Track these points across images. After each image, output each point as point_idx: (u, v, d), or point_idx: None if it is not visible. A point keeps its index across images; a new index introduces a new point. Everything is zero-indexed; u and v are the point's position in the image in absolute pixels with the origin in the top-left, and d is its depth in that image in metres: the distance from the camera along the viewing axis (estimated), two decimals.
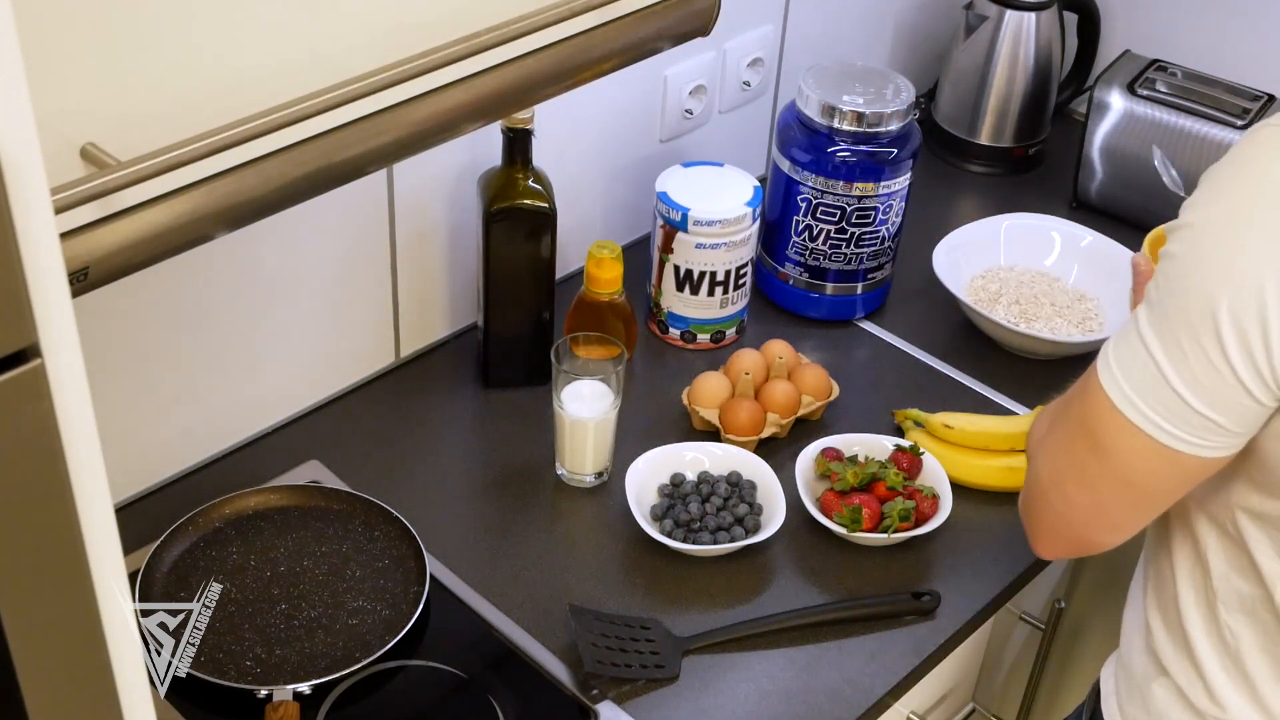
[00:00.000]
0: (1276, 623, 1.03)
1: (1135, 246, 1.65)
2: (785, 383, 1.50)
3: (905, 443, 1.43)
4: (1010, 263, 1.75)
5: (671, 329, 1.62)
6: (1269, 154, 0.90)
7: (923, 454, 1.42)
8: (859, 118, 1.55)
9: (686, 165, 1.60)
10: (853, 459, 1.41)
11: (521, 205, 1.42)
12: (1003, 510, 1.43)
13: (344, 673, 1.19)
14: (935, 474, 1.41)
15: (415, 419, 1.50)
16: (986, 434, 1.46)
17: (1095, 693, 1.22)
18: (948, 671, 1.40)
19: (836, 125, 1.55)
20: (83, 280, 0.83)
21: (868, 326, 1.68)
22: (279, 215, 0.96)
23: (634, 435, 1.46)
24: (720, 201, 1.54)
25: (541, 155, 1.43)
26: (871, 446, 1.44)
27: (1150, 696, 1.13)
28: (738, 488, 1.38)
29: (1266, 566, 1.01)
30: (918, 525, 1.35)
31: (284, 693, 1.17)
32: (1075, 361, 1.57)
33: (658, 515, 1.37)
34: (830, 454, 1.42)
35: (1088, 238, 1.75)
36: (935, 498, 1.37)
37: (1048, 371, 1.62)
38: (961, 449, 1.46)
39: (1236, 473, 1.01)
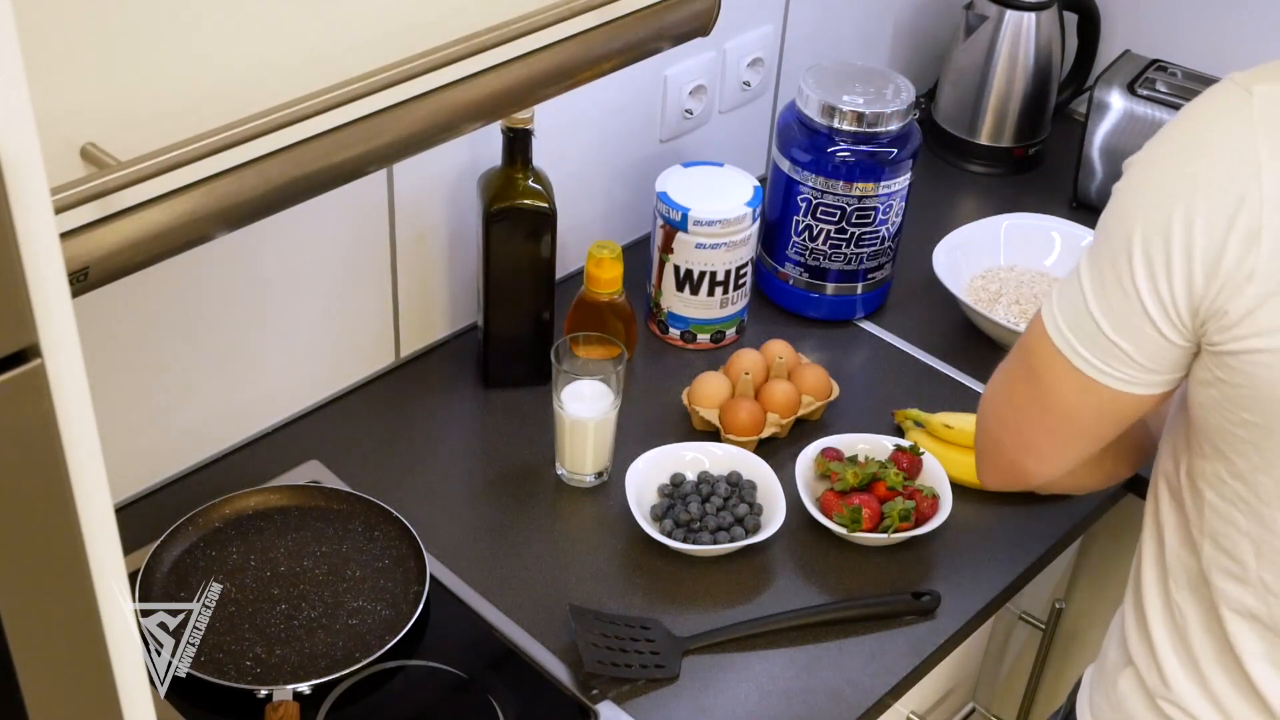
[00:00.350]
0: (1214, 598, 1.04)
1: None
2: (785, 383, 1.50)
3: (905, 443, 1.43)
4: (1010, 263, 1.74)
5: (671, 329, 1.62)
6: (1212, 101, 0.93)
7: (923, 454, 1.42)
8: (859, 118, 1.55)
9: (686, 165, 1.60)
10: (853, 459, 1.41)
11: (521, 205, 1.42)
12: (1003, 510, 1.43)
13: (344, 673, 1.19)
14: (935, 474, 1.41)
15: (415, 419, 1.50)
16: None
17: (1075, 689, 1.23)
18: (948, 671, 1.40)
19: (836, 125, 1.55)
20: (83, 280, 0.83)
21: (868, 326, 1.68)
22: (279, 215, 0.96)
23: (634, 435, 1.46)
24: (720, 201, 1.54)
25: (541, 155, 1.43)
26: (871, 446, 1.44)
27: (1115, 687, 1.14)
28: (738, 488, 1.38)
29: (1198, 538, 1.03)
30: (918, 525, 1.35)
31: (284, 693, 1.17)
32: None
33: (658, 515, 1.37)
34: (830, 454, 1.42)
35: (1088, 237, 1.73)
36: (935, 498, 1.37)
37: None
38: (962, 449, 1.46)
39: (1178, 432, 1.04)
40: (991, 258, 1.74)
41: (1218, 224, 0.89)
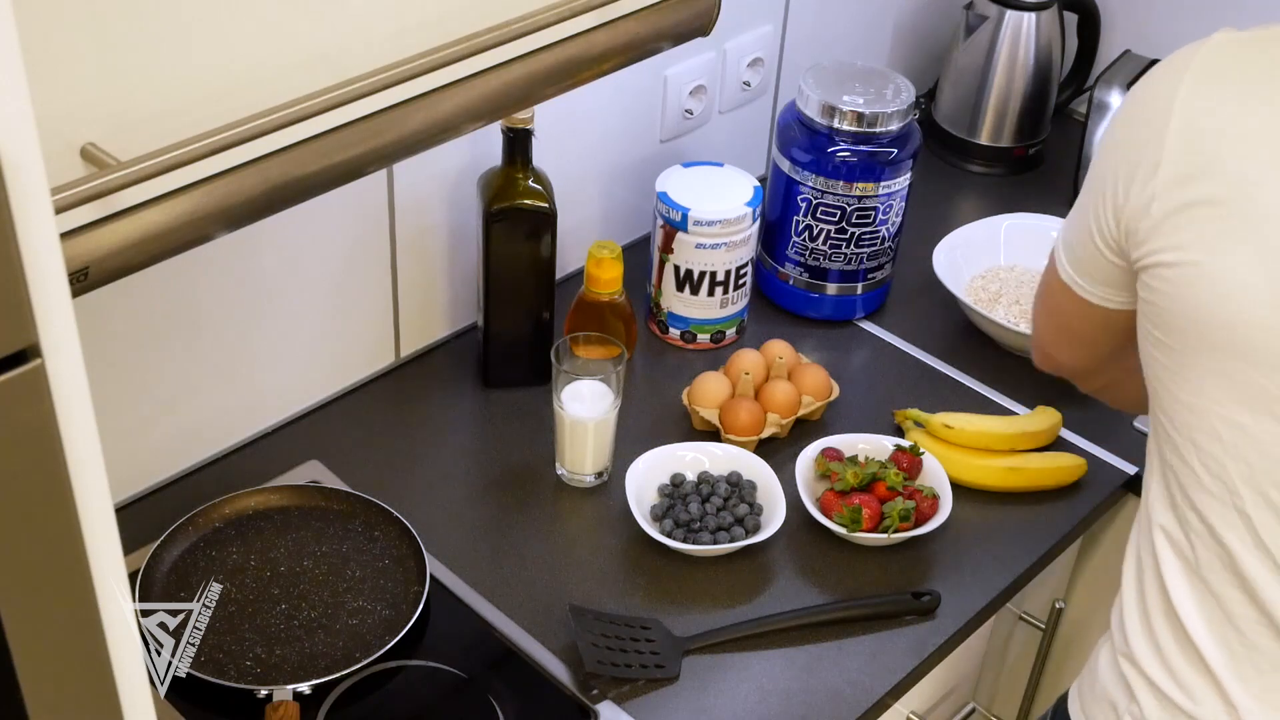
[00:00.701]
0: (1154, 543, 1.09)
1: None
2: (785, 383, 1.50)
3: (905, 443, 1.43)
4: (1010, 262, 1.74)
5: (671, 329, 1.62)
6: (1170, 57, 1.06)
7: (923, 454, 1.42)
8: (859, 118, 1.55)
9: (686, 165, 1.60)
10: (853, 459, 1.41)
11: (521, 205, 1.42)
12: (1003, 510, 1.43)
13: (344, 673, 1.19)
14: (935, 474, 1.41)
15: (415, 419, 1.50)
16: (986, 434, 1.46)
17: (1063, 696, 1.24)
18: (948, 671, 1.40)
19: (836, 125, 1.55)
20: (83, 280, 0.83)
21: (868, 326, 1.68)
22: (279, 215, 0.96)
23: (634, 435, 1.46)
24: (720, 201, 1.54)
25: (541, 155, 1.43)
26: (871, 446, 1.44)
27: (1097, 656, 1.17)
28: (738, 488, 1.38)
29: (1147, 479, 1.11)
30: (918, 525, 1.35)
31: (284, 693, 1.17)
32: None
33: (658, 515, 1.37)
34: (830, 454, 1.42)
35: None
36: (935, 498, 1.37)
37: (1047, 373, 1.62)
38: (961, 449, 1.46)
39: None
40: (991, 258, 1.74)
41: (1132, 157, 1.02)
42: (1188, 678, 1.07)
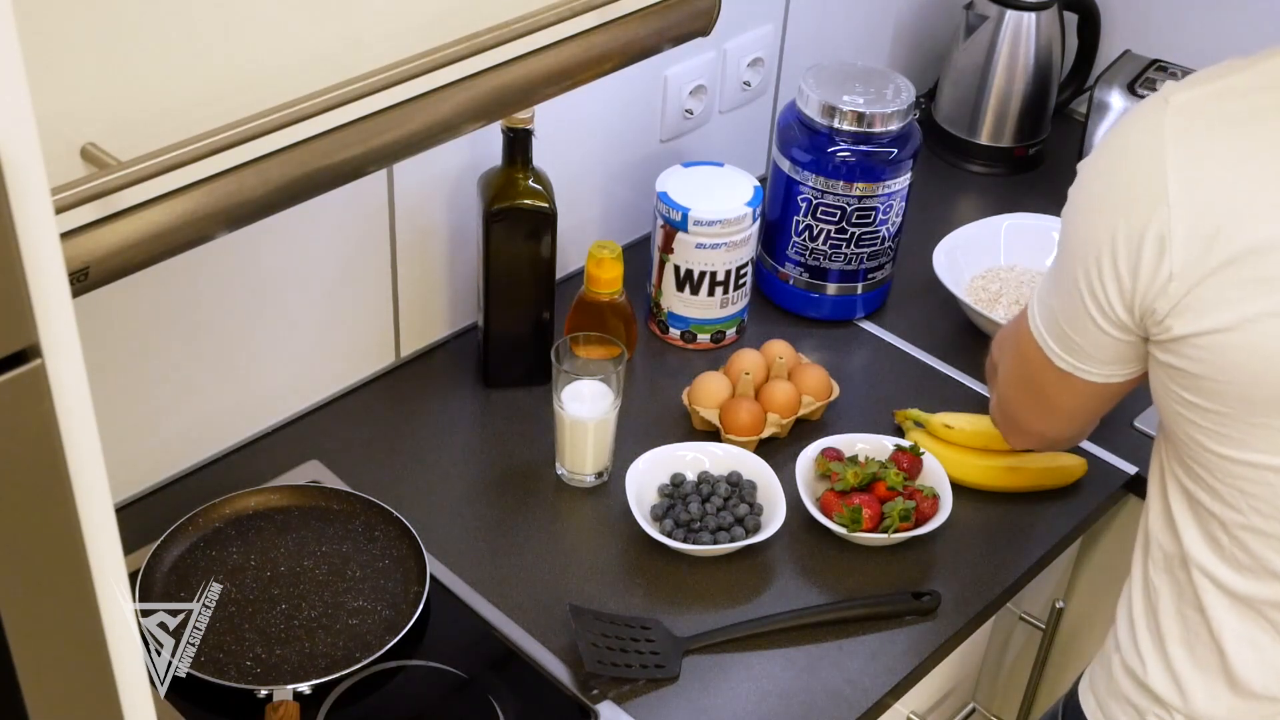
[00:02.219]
0: (1185, 580, 1.09)
1: None
2: (785, 383, 1.50)
3: (905, 443, 1.43)
4: (1010, 262, 1.73)
5: (671, 329, 1.62)
6: (1133, 118, 1.01)
7: (923, 454, 1.42)
8: (859, 118, 1.55)
9: (686, 165, 1.60)
10: (853, 459, 1.41)
11: (521, 205, 1.42)
12: (1003, 510, 1.43)
13: (344, 673, 1.19)
14: (935, 474, 1.41)
15: (415, 419, 1.50)
16: (986, 434, 1.46)
17: (1075, 683, 1.24)
18: (948, 671, 1.40)
19: (836, 125, 1.55)
20: (83, 280, 0.83)
21: (868, 326, 1.68)
22: (279, 215, 0.96)
23: (634, 435, 1.46)
24: (720, 201, 1.54)
25: (541, 155, 1.43)
26: (872, 446, 1.44)
27: (1110, 668, 1.18)
28: (738, 488, 1.38)
29: (1179, 518, 1.09)
30: (918, 525, 1.35)
31: (284, 693, 1.17)
32: None
33: (658, 515, 1.37)
34: (830, 454, 1.42)
35: None
36: (935, 498, 1.37)
37: None
38: (962, 449, 1.46)
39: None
40: (992, 258, 1.74)
41: (1133, 236, 0.98)
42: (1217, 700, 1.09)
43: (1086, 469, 1.47)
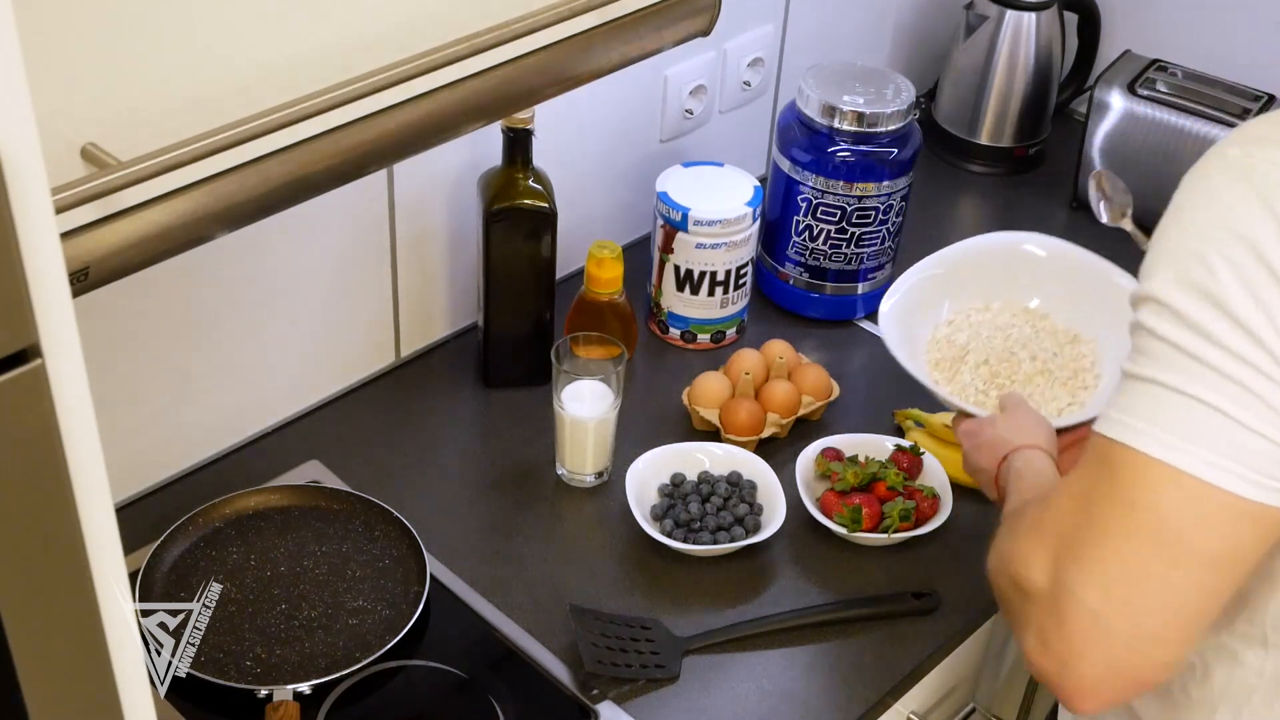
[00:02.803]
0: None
1: (1137, 247, 1.65)
2: (785, 383, 1.50)
3: (905, 443, 1.43)
4: (985, 299, 1.43)
5: (671, 329, 1.62)
6: (1212, 182, 0.86)
7: (923, 454, 1.42)
8: (859, 118, 1.55)
9: (687, 165, 1.60)
10: (853, 459, 1.41)
11: (521, 205, 1.42)
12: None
13: (344, 673, 1.19)
14: (935, 474, 1.41)
15: (415, 419, 1.50)
16: None
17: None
18: (948, 671, 1.40)
19: (837, 125, 1.55)
20: (83, 280, 0.83)
21: (868, 326, 1.68)
22: (279, 215, 0.96)
23: (634, 435, 1.46)
24: (720, 201, 1.54)
25: (541, 155, 1.43)
26: (872, 447, 1.44)
27: None
28: (738, 488, 1.38)
29: None
30: (918, 525, 1.35)
31: (284, 693, 1.17)
32: None
33: (658, 515, 1.37)
34: (830, 454, 1.42)
35: (1080, 259, 1.41)
36: (935, 498, 1.37)
37: None
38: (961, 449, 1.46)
39: None
40: (961, 296, 1.43)
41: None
42: None
43: None
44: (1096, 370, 1.37)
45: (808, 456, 1.42)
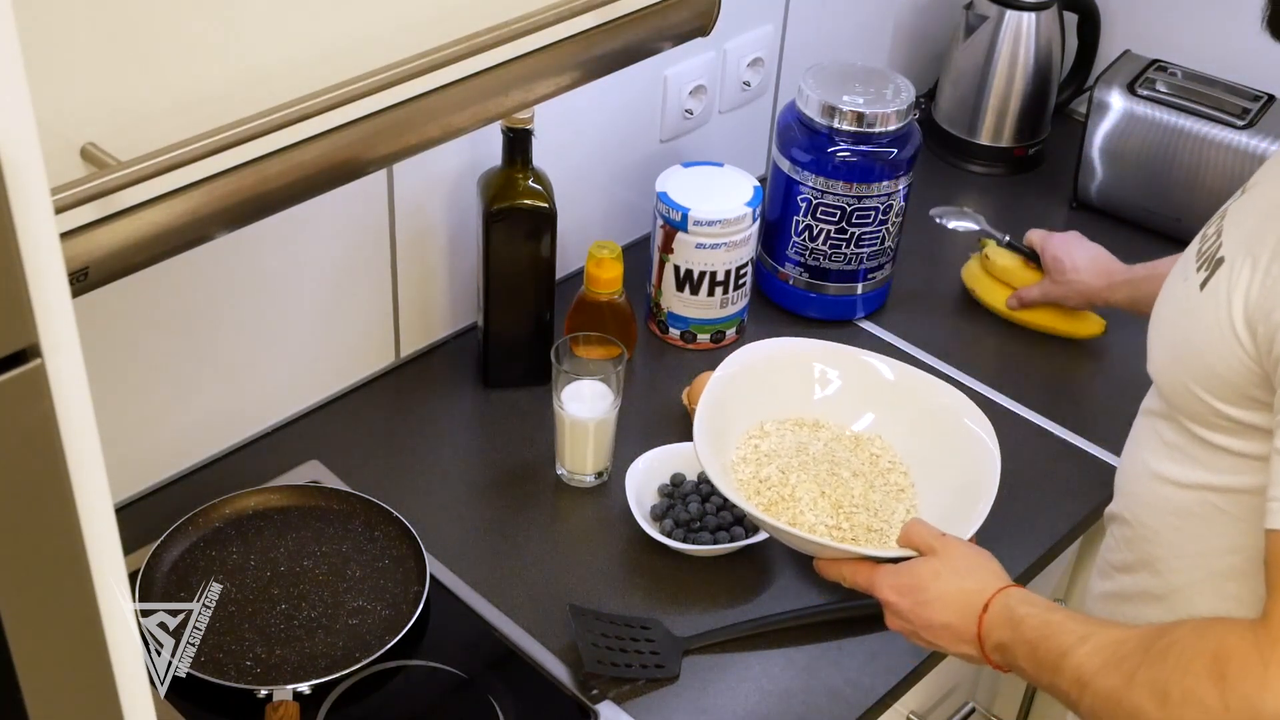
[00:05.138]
0: None
1: (1137, 248, 1.65)
2: None
3: None
4: (758, 420, 1.33)
5: (671, 329, 1.62)
6: None
7: None
8: (859, 118, 1.55)
9: (686, 165, 1.60)
10: None
11: (521, 205, 1.42)
12: (1003, 510, 1.43)
13: (344, 673, 1.19)
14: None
15: (415, 419, 1.50)
16: (1018, 270, 1.67)
17: None
18: (948, 671, 1.40)
19: (836, 125, 1.55)
20: (83, 280, 0.83)
21: (868, 326, 1.68)
22: (279, 215, 0.96)
23: (634, 435, 1.46)
24: (720, 201, 1.54)
25: (541, 155, 1.43)
26: None
27: None
28: None
29: None
30: None
31: (284, 693, 1.17)
32: None
33: (658, 515, 1.37)
34: None
35: (785, 348, 1.36)
36: None
37: (1047, 372, 1.62)
38: (996, 281, 1.67)
39: None
40: (753, 413, 1.34)
41: None
42: None
43: (1104, 329, 1.62)
44: (901, 468, 1.31)
45: None
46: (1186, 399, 1.03)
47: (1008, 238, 1.67)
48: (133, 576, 1.21)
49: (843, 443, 1.33)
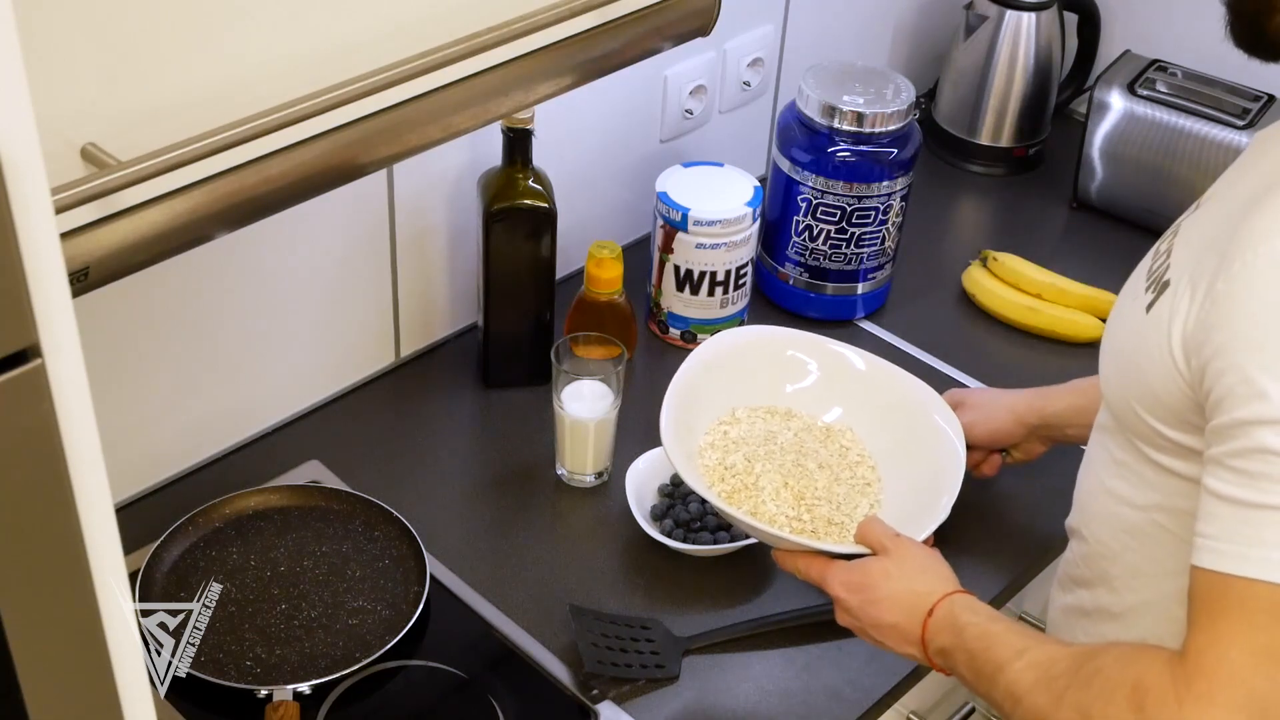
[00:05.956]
0: None
1: (1137, 247, 1.65)
2: None
3: None
4: (730, 408, 1.32)
5: (671, 329, 1.62)
6: None
7: None
8: (859, 118, 1.55)
9: (686, 165, 1.60)
10: None
11: (521, 205, 1.42)
12: (1003, 510, 1.43)
13: (344, 673, 1.19)
14: None
15: (415, 419, 1.50)
16: (1023, 275, 1.69)
17: None
18: None
19: (836, 125, 1.55)
20: (83, 280, 0.83)
21: (868, 326, 1.68)
22: (279, 215, 0.96)
23: (634, 435, 1.46)
24: (720, 201, 1.54)
25: (541, 155, 1.43)
26: None
27: None
28: None
29: None
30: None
31: (284, 693, 1.17)
32: None
33: (658, 515, 1.37)
34: None
35: (770, 336, 1.36)
36: None
37: (1047, 373, 1.62)
38: (1001, 282, 1.69)
39: None
40: (723, 399, 1.32)
41: None
42: None
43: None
44: (869, 462, 1.30)
45: None
46: (1132, 419, 1.03)
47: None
48: (133, 576, 1.21)
49: (813, 433, 1.32)
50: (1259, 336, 0.87)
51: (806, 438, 1.31)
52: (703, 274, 1.56)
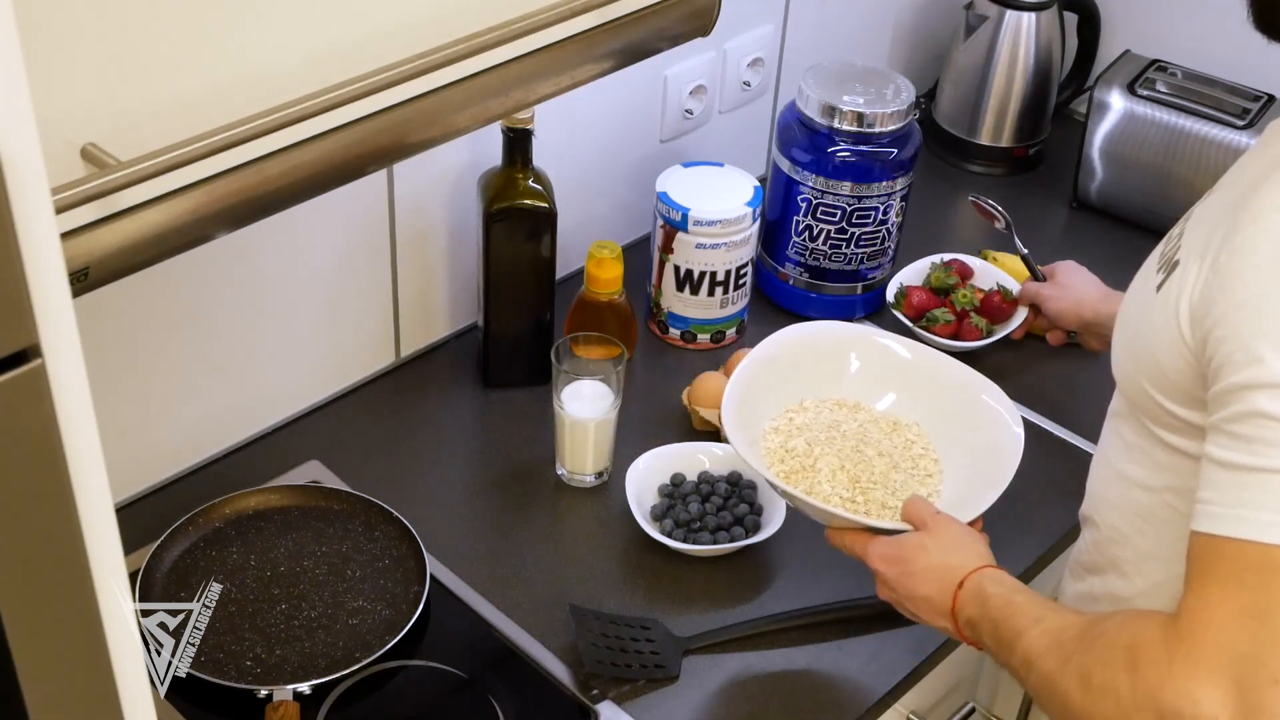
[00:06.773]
0: None
1: (1137, 247, 1.65)
2: None
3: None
4: (799, 398, 1.33)
5: (671, 329, 1.62)
6: None
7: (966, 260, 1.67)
8: (859, 118, 1.55)
9: (687, 165, 1.60)
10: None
11: (521, 205, 1.42)
12: (1003, 510, 1.43)
13: (344, 673, 1.19)
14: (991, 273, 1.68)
15: (415, 419, 1.50)
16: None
17: None
18: (948, 671, 1.40)
19: (836, 125, 1.55)
20: (83, 280, 0.83)
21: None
22: (279, 215, 0.96)
23: (634, 435, 1.46)
24: (720, 201, 1.54)
25: (541, 155, 1.43)
26: None
27: None
28: (738, 488, 1.38)
29: None
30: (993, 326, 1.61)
31: (284, 693, 1.17)
32: None
33: (658, 515, 1.37)
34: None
35: (878, 340, 1.37)
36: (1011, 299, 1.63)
37: (1047, 372, 1.62)
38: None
39: None
40: (770, 400, 1.32)
41: None
42: None
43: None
44: (933, 454, 1.31)
45: None
46: (1142, 398, 1.04)
47: (1025, 251, 1.66)
48: (133, 576, 1.21)
49: (879, 425, 1.32)
50: (1258, 305, 0.88)
51: (871, 429, 1.32)
52: (703, 274, 1.56)
